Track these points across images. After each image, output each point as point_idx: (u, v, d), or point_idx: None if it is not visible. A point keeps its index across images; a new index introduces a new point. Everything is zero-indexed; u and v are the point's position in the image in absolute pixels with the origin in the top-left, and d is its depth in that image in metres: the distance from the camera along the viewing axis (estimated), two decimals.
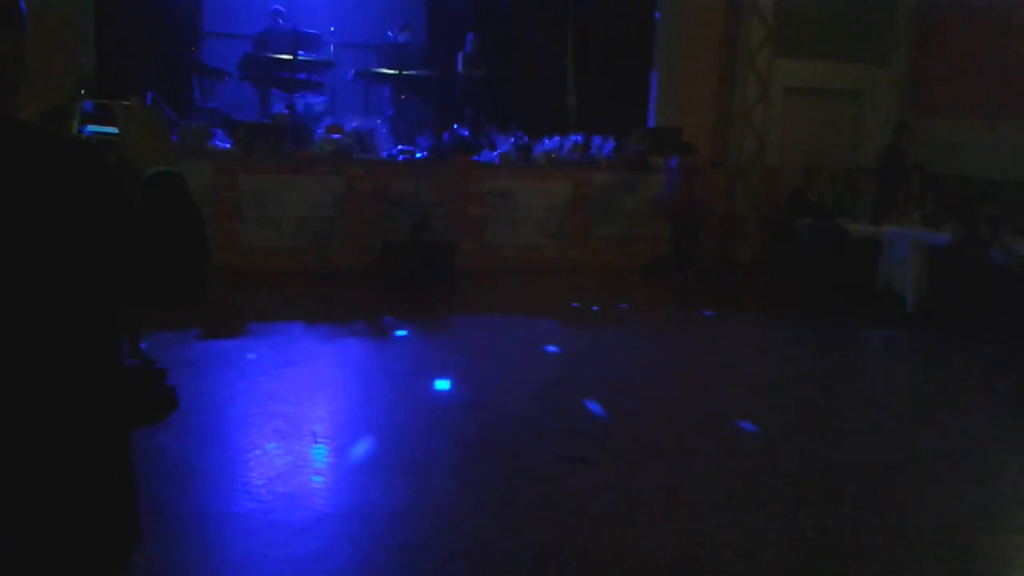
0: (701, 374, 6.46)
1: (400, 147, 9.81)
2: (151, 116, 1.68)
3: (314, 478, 4.12)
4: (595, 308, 8.25)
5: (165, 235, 1.49)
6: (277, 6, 11.26)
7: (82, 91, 8.59)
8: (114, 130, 1.63)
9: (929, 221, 8.69)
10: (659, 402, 5.70)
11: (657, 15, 11.49)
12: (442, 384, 5.70)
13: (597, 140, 10.59)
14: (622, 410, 5.43)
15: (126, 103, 1.68)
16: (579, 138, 10.57)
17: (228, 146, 9.23)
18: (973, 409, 5.95)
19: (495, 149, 10.18)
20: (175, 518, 3.64)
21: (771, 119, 11.17)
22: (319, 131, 9.57)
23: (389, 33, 11.78)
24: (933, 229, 8.37)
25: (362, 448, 4.57)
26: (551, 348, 6.82)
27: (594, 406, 5.44)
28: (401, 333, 7.13)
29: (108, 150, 1.62)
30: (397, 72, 11.38)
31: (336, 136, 9.40)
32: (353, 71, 11.61)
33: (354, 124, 9.66)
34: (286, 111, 10.10)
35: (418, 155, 9.74)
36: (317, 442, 4.55)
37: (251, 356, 6.08)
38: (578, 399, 5.57)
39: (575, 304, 8.47)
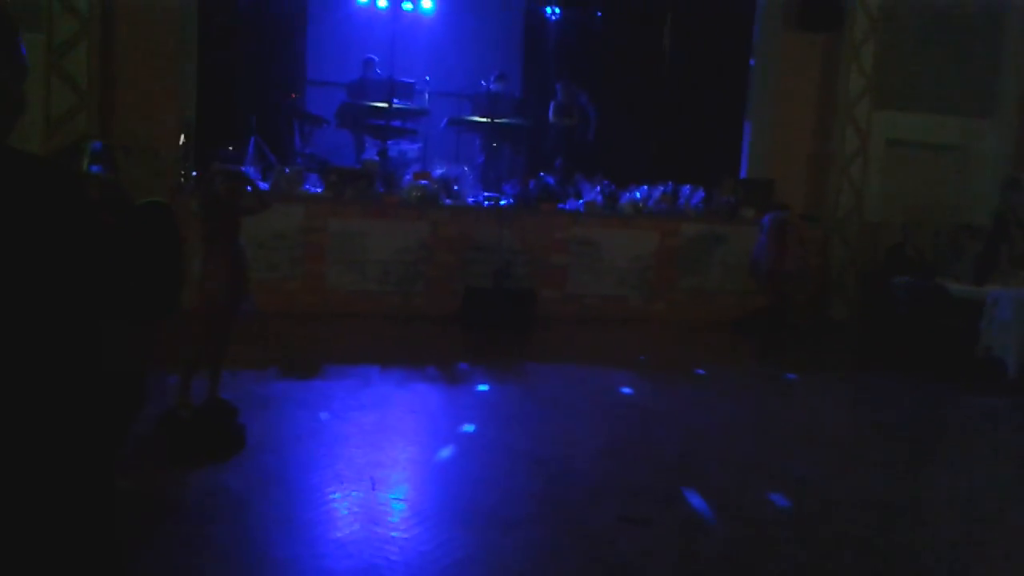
0: (780, 437, 6.19)
1: (485, 194, 9.89)
2: (149, 159, 1.81)
3: (367, 526, 4.09)
4: (699, 371, 7.98)
5: (143, 255, 1.57)
6: (370, 55, 11.61)
7: (183, 135, 9.01)
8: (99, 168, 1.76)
9: None
10: (732, 464, 5.47)
11: (752, 62, 11.33)
12: (511, 435, 5.63)
13: (686, 190, 10.45)
14: (692, 470, 5.24)
15: (127, 147, 1.82)
16: (667, 187, 10.46)
17: (320, 190, 9.47)
18: None
19: (581, 197, 10.15)
20: (222, 558, 3.65)
21: (870, 172, 10.83)
22: (407, 177, 9.73)
23: (483, 82, 11.97)
24: None
25: (419, 498, 4.53)
26: (625, 402, 6.67)
27: (663, 465, 5.28)
28: (475, 380, 7.09)
29: (93, 183, 1.73)
30: (489, 120, 11.53)
31: (423, 182, 9.54)
32: (446, 119, 11.82)
33: (441, 170, 9.80)
34: (377, 157, 10.32)
35: (503, 202, 9.79)
36: (375, 489, 4.52)
37: (324, 398, 6.14)
38: (647, 457, 5.42)
39: (655, 358, 8.30)
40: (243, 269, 5.54)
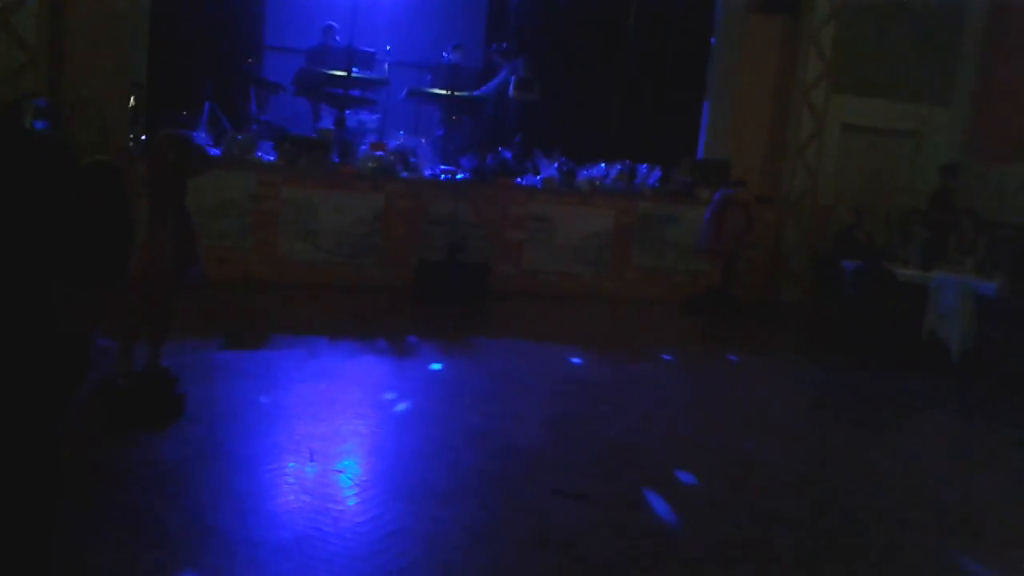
0: (722, 416, 6.27)
1: (442, 167, 9.83)
2: (96, 118, 1.75)
3: (302, 497, 4.07)
4: (647, 349, 8.06)
5: (90, 215, 1.54)
6: (330, 22, 11.42)
7: (132, 97, 8.82)
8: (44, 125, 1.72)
9: (981, 269, 8.36)
10: (673, 441, 5.53)
11: (713, 40, 11.33)
12: (456, 408, 5.63)
13: (643, 168, 10.46)
14: (632, 447, 5.28)
15: (72, 104, 1.78)
16: (625, 166, 10.45)
17: (273, 158, 9.33)
18: (1011, 467, 5.67)
19: (539, 173, 10.12)
20: (155, 528, 3.61)
21: (825, 156, 10.92)
22: (363, 147, 9.62)
23: (444, 54, 11.85)
24: (984, 277, 8.04)
25: (357, 470, 4.51)
26: (571, 378, 6.70)
27: (605, 441, 5.32)
28: (424, 353, 7.07)
29: (41, 139, 1.68)
30: (449, 93, 11.41)
31: (379, 153, 9.44)
32: (406, 90, 11.68)
33: (397, 142, 9.70)
34: (333, 126, 10.18)
35: (460, 176, 9.73)
36: (312, 460, 4.50)
37: (268, 369, 6.08)
38: (588, 433, 5.45)
39: (606, 335, 8.34)
40: (190, 235, 5.47)
